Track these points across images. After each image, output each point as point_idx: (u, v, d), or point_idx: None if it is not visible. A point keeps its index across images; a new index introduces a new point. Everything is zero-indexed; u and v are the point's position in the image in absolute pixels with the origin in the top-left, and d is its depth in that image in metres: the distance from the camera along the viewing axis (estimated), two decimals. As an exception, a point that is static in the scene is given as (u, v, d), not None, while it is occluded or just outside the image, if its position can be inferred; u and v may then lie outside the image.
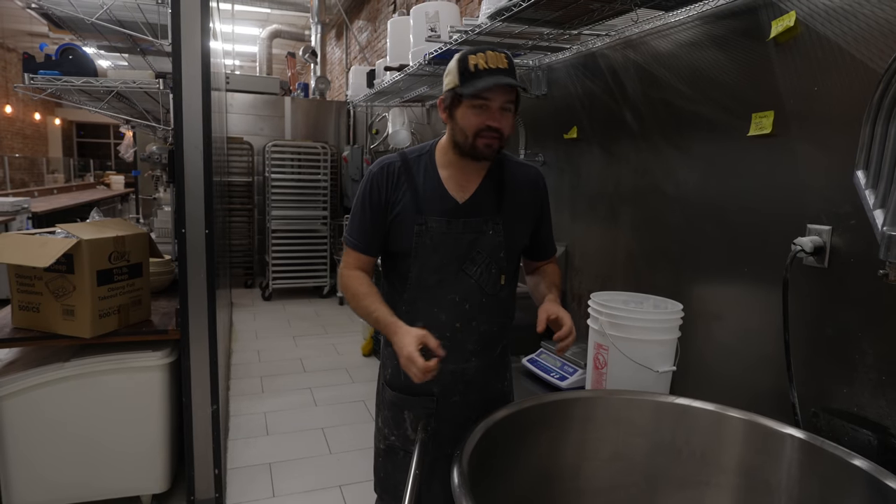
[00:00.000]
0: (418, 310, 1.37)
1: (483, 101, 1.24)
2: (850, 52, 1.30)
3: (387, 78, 3.86)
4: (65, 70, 2.25)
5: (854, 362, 1.32)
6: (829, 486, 1.14)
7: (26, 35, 11.69)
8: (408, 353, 1.21)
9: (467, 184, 1.37)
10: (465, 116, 1.27)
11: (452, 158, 1.36)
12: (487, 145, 1.27)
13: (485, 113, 1.25)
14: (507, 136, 1.30)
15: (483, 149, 1.27)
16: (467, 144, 1.28)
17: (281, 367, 4.11)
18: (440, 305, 1.36)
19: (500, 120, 1.26)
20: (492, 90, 1.22)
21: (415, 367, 1.20)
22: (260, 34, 8.83)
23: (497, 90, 1.23)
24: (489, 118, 1.25)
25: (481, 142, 1.26)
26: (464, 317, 1.36)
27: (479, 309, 1.36)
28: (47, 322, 2.06)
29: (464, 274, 1.35)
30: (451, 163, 1.36)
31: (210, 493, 2.26)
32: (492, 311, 1.39)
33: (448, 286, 1.34)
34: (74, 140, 17.48)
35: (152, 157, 3.49)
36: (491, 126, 1.25)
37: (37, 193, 9.35)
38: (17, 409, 2.06)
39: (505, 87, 1.24)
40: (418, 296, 1.37)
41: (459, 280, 1.34)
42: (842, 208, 1.33)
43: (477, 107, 1.25)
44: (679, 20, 1.82)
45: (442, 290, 1.34)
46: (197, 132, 2.07)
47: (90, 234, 2.04)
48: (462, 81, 1.24)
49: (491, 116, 1.25)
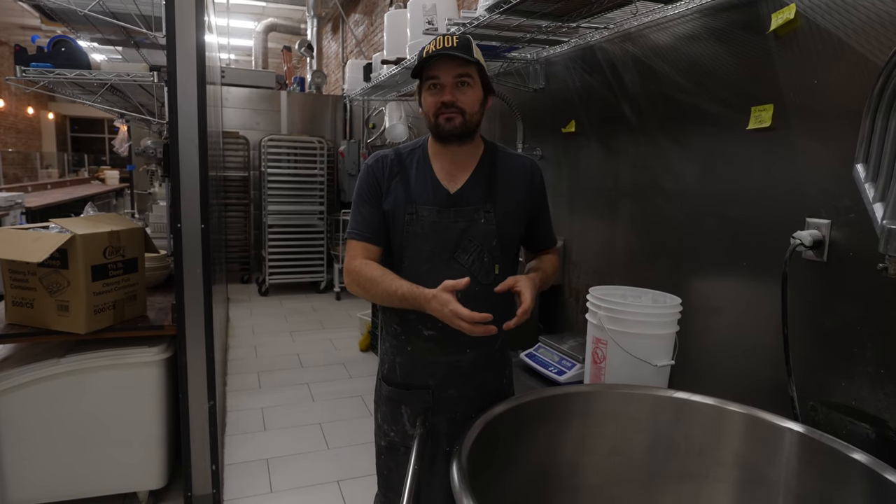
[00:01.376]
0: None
1: (434, 80, 1.30)
2: (850, 45, 1.29)
3: (383, 72, 3.84)
4: (57, 63, 2.23)
5: (853, 356, 1.32)
6: (827, 479, 1.14)
7: (18, 28, 11.57)
8: (450, 309, 1.18)
9: (458, 174, 1.39)
10: (424, 100, 1.34)
11: (438, 148, 1.39)
12: (448, 120, 1.30)
13: (439, 91, 1.30)
14: (472, 112, 1.32)
15: (444, 125, 1.31)
16: (432, 125, 1.34)
17: (278, 362, 4.10)
18: None
19: (456, 94, 1.30)
20: (436, 67, 1.28)
21: (462, 322, 1.17)
22: (255, 28, 8.78)
23: (445, 67, 1.28)
24: (442, 95, 1.30)
25: (441, 119, 1.31)
26: None
27: (471, 299, 1.33)
28: (42, 318, 2.04)
29: (455, 262, 1.35)
30: (440, 153, 1.39)
31: (207, 488, 2.26)
32: (485, 301, 1.36)
33: (439, 275, 1.33)
34: (68, 134, 17.35)
35: (147, 152, 3.46)
36: (445, 102, 1.29)
37: (31, 188, 9.29)
38: (12, 406, 2.04)
39: (450, 61, 1.27)
40: None
41: (451, 269, 1.34)
42: (841, 202, 1.33)
43: (431, 87, 1.31)
44: (678, 13, 1.81)
45: (433, 278, 1.32)
46: (192, 126, 2.06)
47: (84, 228, 2.03)
48: (417, 68, 1.31)
49: (443, 93, 1.30)
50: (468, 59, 1.28)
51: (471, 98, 1.31)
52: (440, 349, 1.38)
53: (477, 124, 1.36)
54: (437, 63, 1.28)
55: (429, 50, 1.29)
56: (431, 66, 1.29)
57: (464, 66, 1.29)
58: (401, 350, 1.43)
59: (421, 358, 1.40)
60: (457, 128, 1.31)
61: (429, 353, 1.39)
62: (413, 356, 1.41)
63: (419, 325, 1.38)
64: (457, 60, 1.28)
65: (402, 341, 1.42)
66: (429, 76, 1.30)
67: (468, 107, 1.31)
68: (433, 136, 1.38)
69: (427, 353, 1.40)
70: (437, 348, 1.39)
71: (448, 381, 1.40)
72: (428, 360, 1.40)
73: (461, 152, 1.38)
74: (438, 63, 1.28)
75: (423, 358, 1.40)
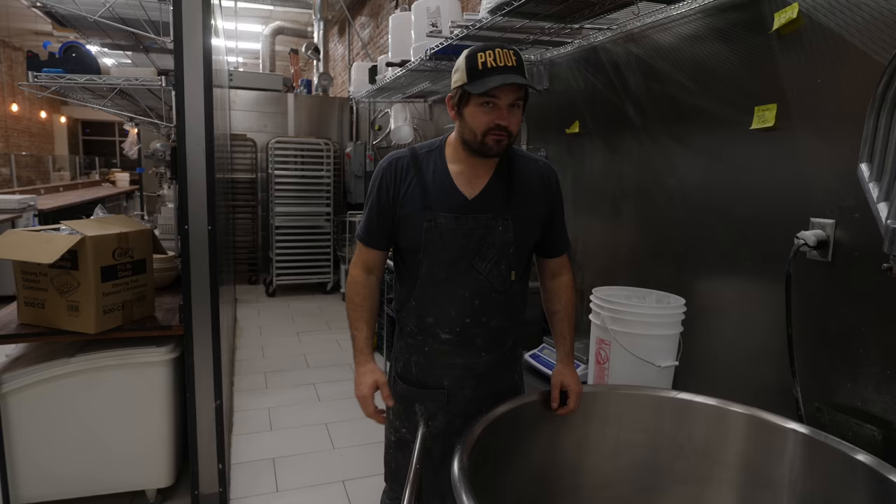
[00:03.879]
0: (427, 305, 1.38)
1: (491, 100, 1.23)
2: (853, 44, 1.29)
3: (388, 74, 3.86)
4: (68, 68, 2.26)
5: (858, 357, 1.32)
6: (832, 481, 1.13)
7: (32, 34, 11.73)
8: (362, 394, 1.36)
9: (477, 180, 1.36)
10: (473, 115, 1.26)
11: (462, 155, 1.35)
12: (497, 142, 1.26)
13: (494, 111, 1.24)
14: (516, 134, 1.30)
15: (493, 146, 1.27)
16: (476, 142, 1.28)
17: (284, 362, 4.12)
18: (450, 301, 1.36)
19: (509, 118, 1.25)
20: (500, 89, 1.21)
21: (366, 410, 1.37)
22: (263, 31, 8.83)
23: (506, 88, 1.22)
24: (498, 116, 1.24)
25: (490, 139, 1.26)
26: (473, 312, 1.36)
27: (488, 305, 1.35)
28: (53, 318, 2.07)
29: (473, 270, 1.34)
30: (460, 159, 1.36)
31: (214, 487, 2.27)
32: (502, 307, 1.38)
33: (457, 282, 1.34)
34: (80, 138, 17.55)
35: (156, 155, 3.50)
36: (500, 125, 1.24)
37: (43, 191, 9.40)
38: (23, 404, 2.07)
39: (513, 86, 1.23)
40: (428, 291, 1.37)
41: (469, 276, 1.34)
42: (845, 201, 1.32)
43: (485, 104, 1.24)
44: (681, 13, 1.81)
45: (451, 285, 1.34)
46: (199, 129, 2.08)
47: (94, 230, 2.05)
48: (470, 79, 1.23)
49: (500, 115, 1.24)
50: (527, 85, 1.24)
51: (518, 120, 1.29)
52: (456, 352, 1.39)
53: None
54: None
55: (486, 62, 1.21)
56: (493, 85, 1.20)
57: (521, 89, 1.25)
58: (417, 349, 1.43)
59: (437, 358, 1.41)
60: (503, 150, 1.29)
61: (444, 354, 1.40)
62: (430, 356, 1.42)
63: (437, 328, 1.39)
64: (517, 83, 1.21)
65: (419, 341, 1.43)
66: (486, 93, 1.22)
67: (515, 129, 1.28)
68: (472, 150, 1.31)
69: (443, 355, 1.41)
70: (454, 351, 1.39)
71: (463, 381, 1.42)
72: (444, 361, 1.41)
73: (481, 159, 1.34)
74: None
75: (440, 359, 1.41)
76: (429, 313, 1.38)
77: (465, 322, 1.36)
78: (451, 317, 1.36)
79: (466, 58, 1.25)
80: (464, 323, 1.36)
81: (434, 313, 1.37)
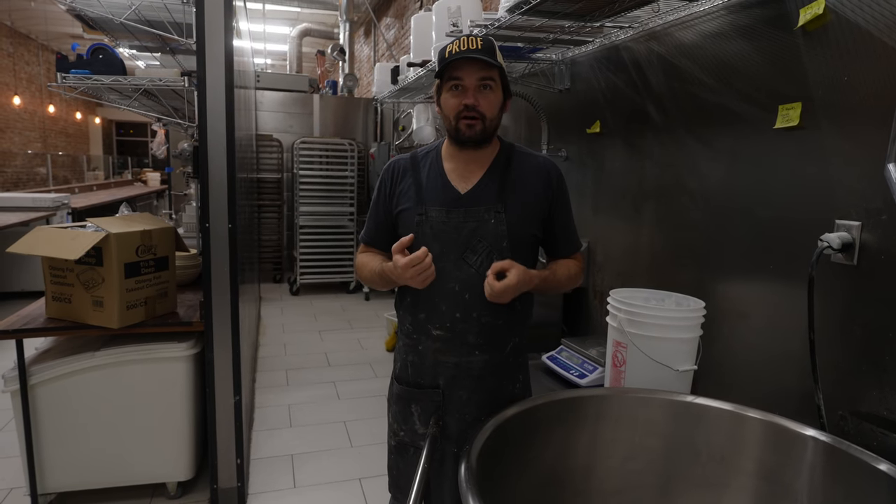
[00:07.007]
0: (420, 299, 1.38)
1: (458, 82, 1.29)
2: (881, 40, 1.24)
3: (410, 74, 3.87)
4: (95, 69, 2.33)
5: (884, 364, 1.27)
6: (853, 491, 1.09)
7: (69, 37, 12.12)
8: (401, 263, 1.23)
9: (470, 175, 1.38)
10: (445, 101, 1.33)
11: (454, 151, 1.39)
12: (468, 125, 1.30)
13: (461, 94, 1.29)
14: (492, 117, 1.32)
15: (465, 130, 1.31)
16: (452, 129, 1.34)
17: (306, 360, 4.17)
18: (440, 295, 1.36)
19: (477, 98, 1.29)
20: (460, 68, 1.27)
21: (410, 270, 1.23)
22: (290, 33, 8.96)
23: (469, 69, 1.27)
24: (464, 97, 1.29)
25: (462, 124, 1.30)
26: (463, 307, 1.35)
27: (479, 300, 1.33)
28: (78, 312, 2.13)
29: (464, 263, 1.34)
30: (454, 155, 1.40)
31: (233, 482, 2.31)
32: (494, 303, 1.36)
33: (448, 275, 1.34)
34: (114, 138, 18.08)
35: (183, 154, 3.57)
36: (467, 104, 1.28)
37: (77, 190, 9.70)
38: (50, 396, 2.14)
39: (474, 64, 1.27)
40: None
41: (459, 269, 1.34)
42: (872, 203, 1.27)
43: (454, 88, 1.30)
44: (703, 10, 1.76)
45: (442, 279, 1.33)
46: (220, 129, 2.11)
47: (118, 228, 2.11)
48: (439, 69, 1.30)
49: (465, 95, 1.29)
50: (492, 63, 1.27)
51: (492, 102, 1.31)
52: (448, 349, 1.39)
53: (495, 129, 1.36)
54: (460, 64, 1.28)
55: (452, 50, 1.27)
56: (454, 66, 1.28)
57: (487, 69, 1.28)
58: (412, 348, 1.44)
59: (431, 357, 1.41)
60: (476, 134, 1.31)
61: (437, 352, 1.40)
62: (423, 354, 1.42)
63: (428, 324, 1.39)
64: (480, 63, 1.27)
65: (414, 340, 1.43)
66: (451, 77, 1.29)
67: (488, 112, 1.31)
68: (451, 139, 1.38)
69: (436, 353, 1.40)
70: (445, 348, 1.39)
71: (458, 382, 1.40)
72: (437, 359, 1.40)
73: (476, 154, 1.38)
74: (462, 64, 1.27)
75: (433, 357, 1.41)
76: (421, 309, 1.39)
77: (455, 317, 1.36)
78: (442, 311, 1.36)
79: (439, 52, 1.32)
80: (454, 318, 1.36)
81: (426, 308, 1.38)
